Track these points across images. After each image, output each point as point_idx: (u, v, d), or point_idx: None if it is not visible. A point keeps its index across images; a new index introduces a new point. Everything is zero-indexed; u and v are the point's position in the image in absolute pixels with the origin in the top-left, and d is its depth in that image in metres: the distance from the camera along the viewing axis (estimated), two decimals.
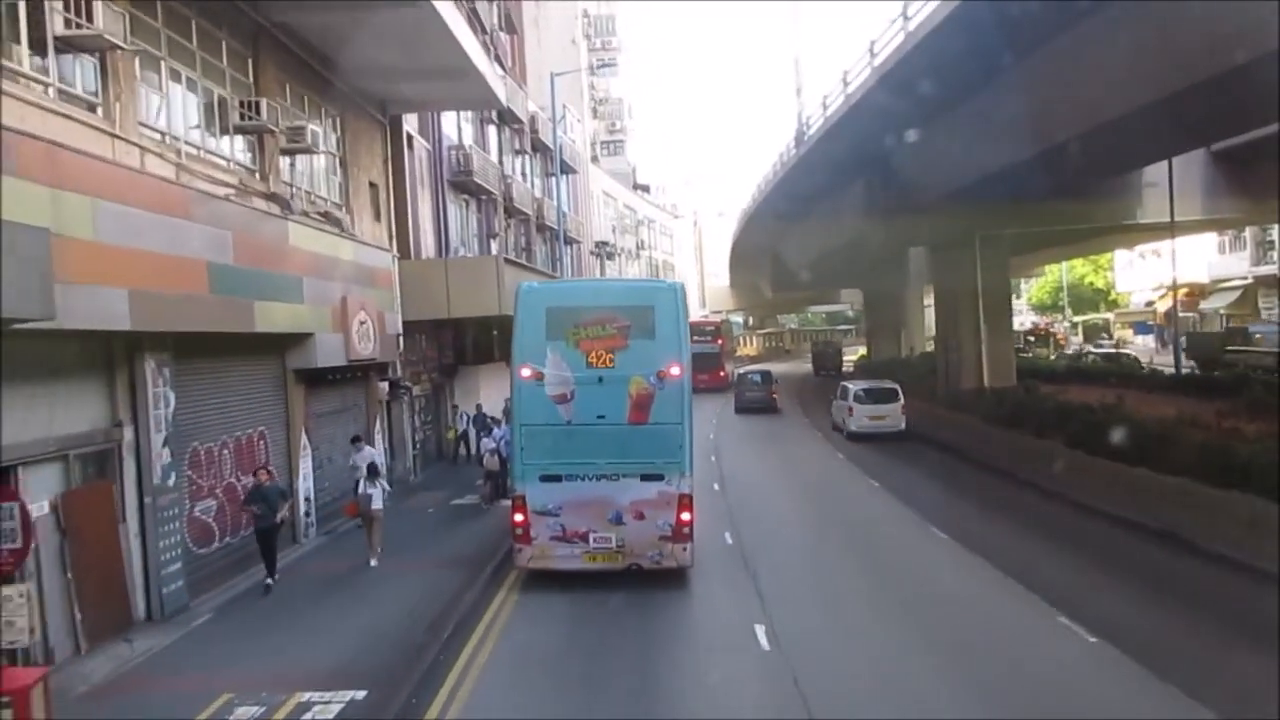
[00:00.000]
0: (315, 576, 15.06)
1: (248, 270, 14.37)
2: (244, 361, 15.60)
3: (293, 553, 16.53)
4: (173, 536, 12.76)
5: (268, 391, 16.46)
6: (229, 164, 15.67)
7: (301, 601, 13.57)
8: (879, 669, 10.93)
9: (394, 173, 23.77)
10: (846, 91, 27.95)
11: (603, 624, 12.63)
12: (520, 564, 14.22)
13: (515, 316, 14.22)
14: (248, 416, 15.62)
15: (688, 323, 14.43)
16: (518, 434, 14.09)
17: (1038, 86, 21.52)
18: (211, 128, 15.17)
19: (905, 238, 36.85)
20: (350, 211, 20.66)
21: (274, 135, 16.60)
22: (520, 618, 12.99)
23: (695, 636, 12.27)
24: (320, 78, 19.31)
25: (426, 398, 26.91)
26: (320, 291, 17.33)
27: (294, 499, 15.73)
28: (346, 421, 20.26)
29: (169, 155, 13.39)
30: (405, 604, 13.25)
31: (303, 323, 16.56)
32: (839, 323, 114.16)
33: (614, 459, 13.79)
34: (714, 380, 49.40)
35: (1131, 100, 18.51)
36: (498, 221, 34.12)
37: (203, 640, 11.98)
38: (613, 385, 13.81)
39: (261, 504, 13.76)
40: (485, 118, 33.38)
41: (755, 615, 12.71)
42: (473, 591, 13.89)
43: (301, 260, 16.58)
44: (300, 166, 18.57)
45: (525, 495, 13.90)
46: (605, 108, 76.98)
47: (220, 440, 14.56)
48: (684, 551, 13.91)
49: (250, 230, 14.70)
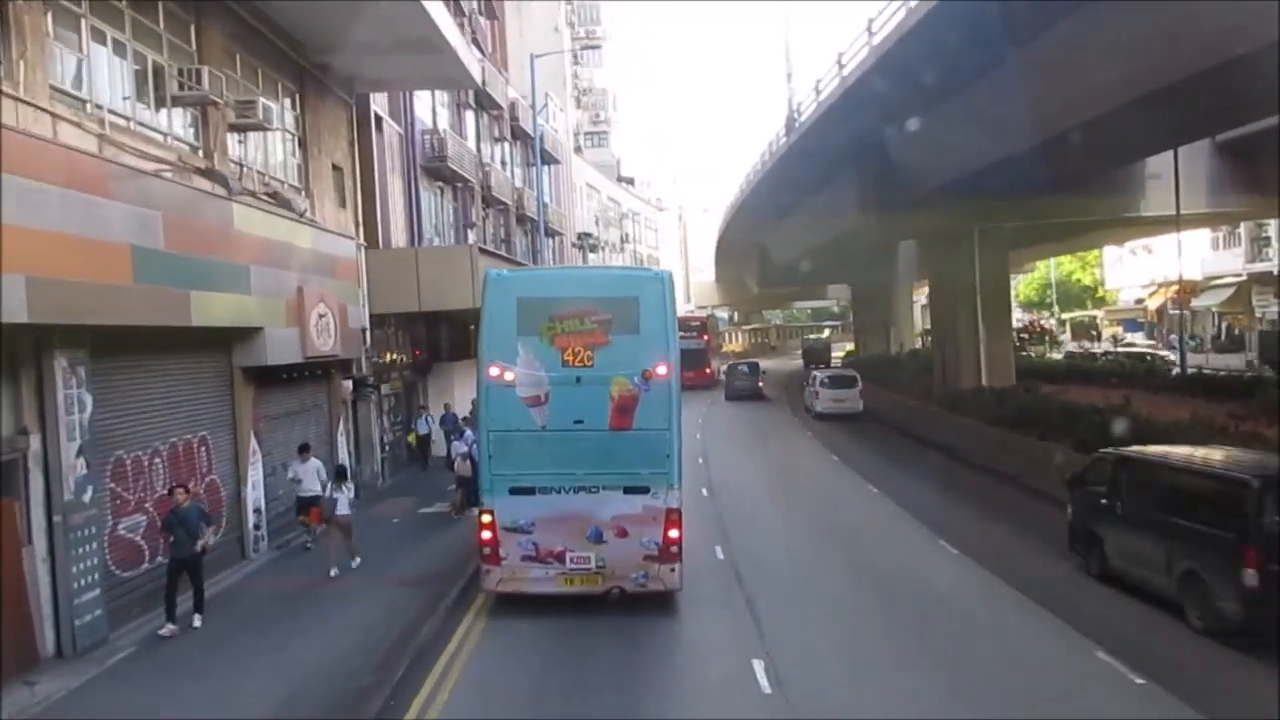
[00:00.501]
0: (260, 598, 13.51)
1: (182, 256, 12.78)
2: (181, 359, 13.99)
3: (240, 569, 15.00)
4: (89, 559, 11.17)
5: (211, 392, 14.85)
6: (166, 138, 14.07)
7: (240, 630, 12.01)
8: (898, 710, 9.53)
9: (361, 156, 22.21)
10: (841, 74, 26.53)
11: (580, 660, 11.11)
12: (488, 587, 12.68)
13: (482, 308, 12.65)
14: (186, 420, 14.02)
15: (676, 316, 12.91)
16: (485, 441, 12.51)
17: (1039, 74, 20.70)
18: (145, 97, 13.58)
19: (900, 231, 35.57)
20: (310, 195, 19.08)
21: (219, 109, 15.03)
22: (487, 651, 11.46)
23: (685, 675, 10.77)
24: (276, 50, 17.75)
25: (397, 397, 25.35)
26: (271, 281, 15.75)
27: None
28: (305, 423, 18.71)
29: (90, 125, 11.80)
30: (356, 633, 11.71)
31: (250, 316, 14.98)
32: (825, 319, 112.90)
33: (593, 469, 12.26)
34: (700, 378, 49.18)
35: (1134, 89, 17.90)
36: (475, 211, 32.56)
37: (120, 681, 10.42)
38: (592, 386, 12.27)
39: (179, 529, 11.74)
40: (463, 102, 31.81)
41: (753, 648, 11.25)
42: (435, 617, 12.36)
43: (249, 246, 15.00)
44: (254, 146, 17.01)
45: (494, 510, 12.35)
46: (589, 98, 75.44)
47: (151, 448, 12.95)
48: (672, 573, 12.41)
49: (186, 212, 13.11)
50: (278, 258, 16.08)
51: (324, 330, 17.82)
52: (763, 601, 13.10)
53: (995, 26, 20.07)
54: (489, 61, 34.08)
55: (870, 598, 13.74)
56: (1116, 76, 18.33)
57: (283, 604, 13.11)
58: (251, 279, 14.96)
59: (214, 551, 13.17)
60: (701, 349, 52.11)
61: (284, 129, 18.29)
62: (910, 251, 48.77)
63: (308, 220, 18.22)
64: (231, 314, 14.42)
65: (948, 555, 15.96)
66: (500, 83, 36.15)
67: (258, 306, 15.22)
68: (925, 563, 15.66)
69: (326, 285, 18.16)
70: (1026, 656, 11.31)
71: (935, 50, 21.94)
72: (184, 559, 11.81)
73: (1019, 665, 10.98)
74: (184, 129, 14.81)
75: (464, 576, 14.13)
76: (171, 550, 11.88)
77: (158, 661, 10.98)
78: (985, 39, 20.64)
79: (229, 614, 12.65)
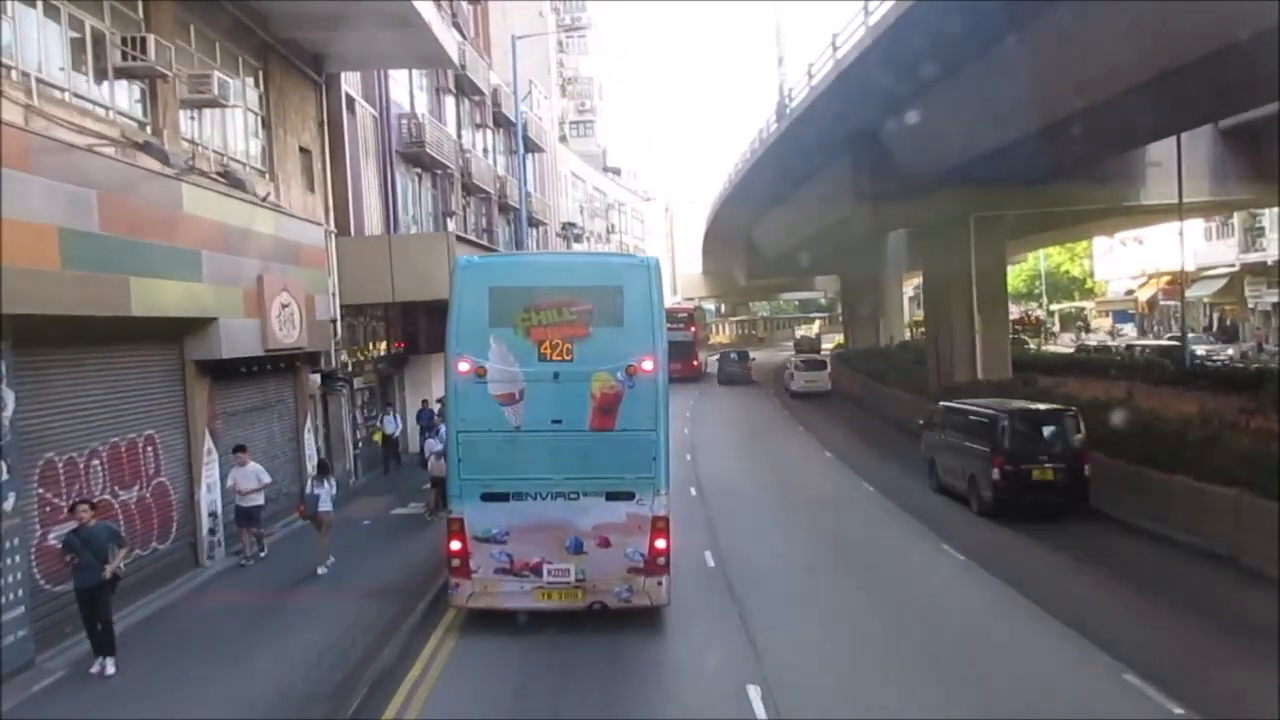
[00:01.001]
0: (209, 613, 12.40)
1: (120, 239, 11.64)
2: (125, 351, 12.84)
3: (192, 579, 13.89)
4: (11, 574, 10.05)
5: (160, 387, 13.70)
6: (109, 113, 12.94)
7: (179, 652, 10.89)
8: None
9: (331, 139, 21.04)
10: (836, 57, 25.43)
11: (558, 686, 10.03)
12: (457, 603, 11.59)
13: (451, 298, 11.52)
14: (131, 418, 12.88)
15: (663, 307, 11.82)
16: (454, 442, 11.39)
17: (1040, 57, 20.12)
18: (83, 67, 12.42)
19: (894, 220, 34.51)
20: (275, 179, 17.94)
21: (168, 81, 13.88)
22: (455, 677, 10.35)
23: (674, 703, 9.72)
24: (236, 22, 16.60)
25: (371, 391, 24.24)
26: (227, 268, 14.60)
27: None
28: (269, 420, 17.61)
29: (14, 94, 10.65)
30: (310, 656, 10.60)
31: (202, 305, 13.84)
32: (812, 310, 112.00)
33: (573, 474, 11.21)
34: (687, 369, 49.56)
35: (1136, 73, 17.54)
36: (455, 199, 31.37)
37: (45, 708, 9.32)
38: (571, 383, 11.21)
39: (84, 551, 9.93)
40: (442, 86, 30.61)
41: (747, 671, 10.22)
42: (400, 636, 11.28)
43: (201, 230, 13.85)
44: (212, 125, 15.87)
45: (464, 518, 11.28)
46: (575, 86, 74.28)
47: (89, 449, 11.81)
48: (659, 587, 11.36)
49: (126, 191, 11.95)
50: (234, 243, 14.92)
51: (288, 321, 16.69)
52: (758, 618, 12.06)
53: (995, 7, 19.32)
54: (470, 46, 32.93)
55: (869, 603, 12.84)
56: (1118, 60, 17.93)
57: (233, 619, 12.00)
58: (204, 265, 13.81)
59: (136, 574, 11.99)
60: (689, 341, 51.72)
61: (245, 107, 17.13)
62: (900, 241, 47.81)
63: (271, 204, 17.07)
64: (181, 303, 13.29)
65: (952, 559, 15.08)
66: (482, 67, 34.98)
67: (211, 295, 14.08)
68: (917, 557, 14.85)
69: (291, 273, 17.02)
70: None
71: (934, 32, 21.04)
72: (91, 587, 10.00)
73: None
74: (131, 104, 13.68)
75: (434, 587, 13.06)
76: (76, 576, 10.08)
77: (91, 688, 9.86)
78: (985, 19, 19.86)
79: (171, 631, 11.59)
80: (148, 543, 13.09)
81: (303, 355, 18.21)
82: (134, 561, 12.54)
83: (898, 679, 10.18)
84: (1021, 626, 11.97)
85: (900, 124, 26.58)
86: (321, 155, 20.48)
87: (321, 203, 20.29)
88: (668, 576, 11.41)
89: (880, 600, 13.20)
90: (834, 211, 35.20)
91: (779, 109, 35.84)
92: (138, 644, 10.90)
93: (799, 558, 15.56)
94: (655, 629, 11.58)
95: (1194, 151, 30.12)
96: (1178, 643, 11.40)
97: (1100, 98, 19.11)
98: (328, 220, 20.36)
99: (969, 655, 10.94)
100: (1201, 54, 15.82)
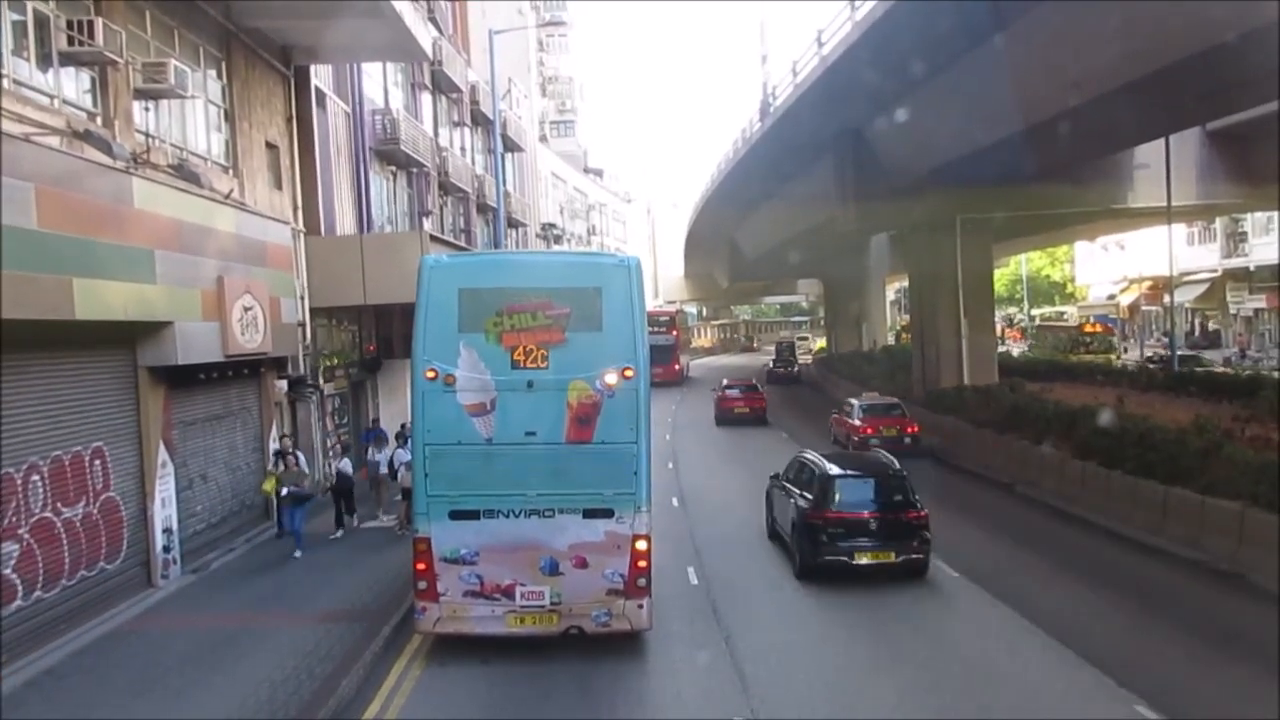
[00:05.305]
0: (156, 639, 11.52)
1: (61, 237, 10.81)
2: (69, 358, 12.01)
3: (143, 600, 13.03)
4: None
5: (109, 396, 12.85)
6: (53, 101, 12.11)
7: (121, 683, 10.05)
8: None
9: (300, 134, 20.19)
10: (821, 53, 24.87)
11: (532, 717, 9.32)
12: (424, 629, 10.83)
13: (418, 300, 10.75)
14: (76, 429, 12.04)
15: (644, 310, 11.11)
16: (420, 456, 10.64)
17: (1027, 57, 19.70)
18: (23, 52, 11.60)
19: (879, 221, 34.04)
20: (239, 174, 17.11)
21: (120, 70, 13.06)
22: (420, 709, 9.61)
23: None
24: (196, 9, 15.76)
25: (342, 397, 23.35)
26: (183, 269, 13.76)
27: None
28: (230, 429, 16.75)
29: None
30: (264, 688, 9.78)
31: (154, 308, 13.01)
32: (794, 314, 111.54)
33: (548, 489, 10.49)
34: (668, 374, 48.65)
35: (1124, 74, 17.22)
36: (431, 198, 30.52)
37: None
38: (546, 392, 10.51)
39: None
40: (418, 83, 29.77)
41: (734, 704, 9.52)
42: (361, 665, 10.50)
43: (154, 228, 13.01)
44: (169, 117, 15.05)
45: (430, 538, 10.52)
46: (555, 86, 73.53)
47: (25, 463, 10.96)
48: (640, 610, 10.65)
49: (69, 185, 11.12)
50: (192, 242, 14.08)
51: (250, 325, 15.86)
52: (744, 642, 11.37)
53: (983, 4, 18.78)
54: (448, 42, 32.15)
55: (861, 622, 12.16)
56: (1106, 60, 17.62)
57: (183, 646, 11.16)
58: (157, 265, 12.97)
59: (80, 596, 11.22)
60: (671, 344, 51.00)
61: (206, 99, 16.31)
62: (883, 245, 47.46)
63: (234, 201, 16.25)
64: (132, 306, 12.44)
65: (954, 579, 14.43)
66: (459, 64, 34.16)
67: (165, 297, 13.25)
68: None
69: (254, 274, 16.18)
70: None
71: (922, 27, 20.53)
72: None
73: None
74: (80, 94, 12.86)
75: (400, 609, 12.27)
76: None
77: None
78: (973, 17, 19.39)
79: (113, 661, 10.72)
80: (94, 563, 12.25)
81: (268, 361, 17.37)
82: (78, 583, 11.79)
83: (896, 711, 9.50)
84: (1017, 642, 11.34)
85: (886, 122, 26.15)
86: (290, 151, 19.65)
87: (290, 201, 19.45)
88: (649, 599, 10.71)
89: (875, 621, 12.51)
90: (818, 212, 34.66)
91: (763, 108, 35.25)
92: (73, 676, 10.10)
93: (787, 574, 14.85)
94: (635, 656, 10.85)
95: (1182, 154, 29.82)
96: (1185, 666, 10.80)
97: (1088, 97, 18.71)
98: (296, 219, 19.54)
99: (964, 676, 10.28)
100: (1188, 54, 15.57)
